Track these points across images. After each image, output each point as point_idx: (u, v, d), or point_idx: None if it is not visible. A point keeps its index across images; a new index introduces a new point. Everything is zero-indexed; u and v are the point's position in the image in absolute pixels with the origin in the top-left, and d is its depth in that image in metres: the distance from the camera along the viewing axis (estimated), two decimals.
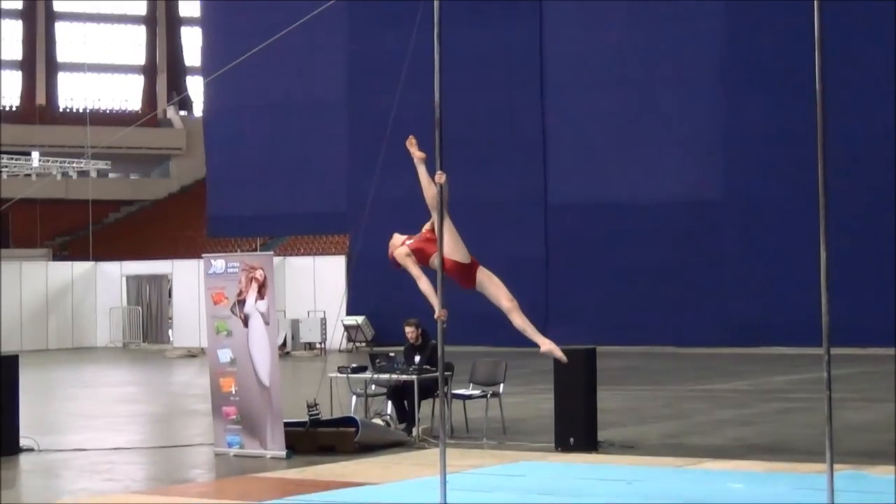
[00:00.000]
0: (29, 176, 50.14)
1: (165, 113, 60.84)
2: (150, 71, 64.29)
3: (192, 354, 35.72)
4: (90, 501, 11.93)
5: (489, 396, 16.25)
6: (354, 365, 16.78)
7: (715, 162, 33.45)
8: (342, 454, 14.16)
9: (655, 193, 33.90)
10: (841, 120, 27.27)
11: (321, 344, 35.93)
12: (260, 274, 14.33)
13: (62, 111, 61.26)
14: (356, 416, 15.30)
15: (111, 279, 41.88)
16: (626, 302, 33.78)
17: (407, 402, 15.80)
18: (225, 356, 14.63)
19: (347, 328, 36.40)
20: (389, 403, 16.12)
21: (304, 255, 43.26)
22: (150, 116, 56.62)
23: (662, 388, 23.01)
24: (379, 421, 15.48)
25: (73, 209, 53.59)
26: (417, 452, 14.41)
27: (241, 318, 14.44)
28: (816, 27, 9.38)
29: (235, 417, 14.51)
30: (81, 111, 57.94)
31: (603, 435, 14.70)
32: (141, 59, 64.40)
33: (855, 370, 24.22)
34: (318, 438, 14.54)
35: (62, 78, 62.54)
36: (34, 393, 21.51)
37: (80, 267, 42.33)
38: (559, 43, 35.45)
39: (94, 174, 52.50)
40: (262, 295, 14.30)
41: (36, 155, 50.64)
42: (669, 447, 14.64)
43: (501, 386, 16.41)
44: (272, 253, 30.92)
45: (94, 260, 43.69)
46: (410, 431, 15.39)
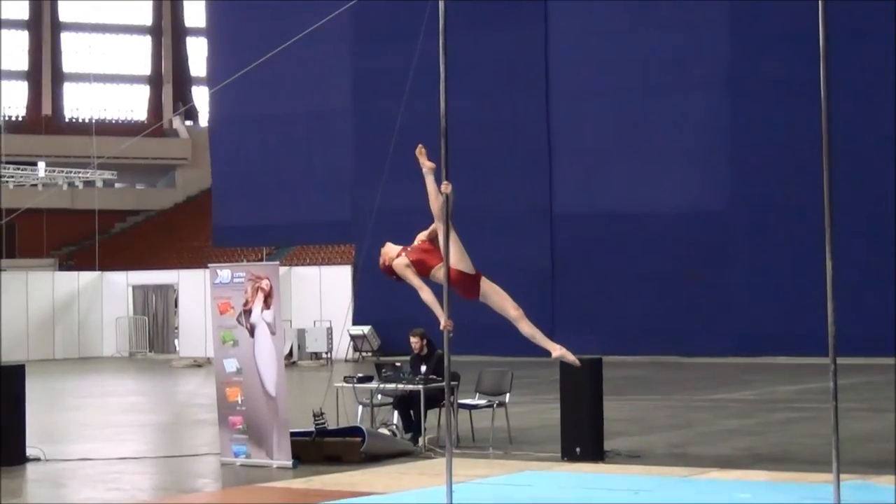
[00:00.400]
0: (35, 186, 50.14)
1: (171, 123, 60.85)
2: (155, 81, 64.30)
3: (198, 364, 35.73)
4: None
5: (495, 406, 16.24)
6: (360, 375, 16.78)
7: (720, 171, 33.39)
8: (348, 464, 14.15)
9: (661, 203, 33.84)
10: (846, 128, 27.28)
11: (327, 354, 35.90)
12: (266, 284, 14.34)
13: (68, 121, 61.25)
14: (362, 425, 15.29)
15: (117, 289, 41.89)
16: (631, 312, 33.73)
17: (413, 411, 15.79)
18: (231, 366, 14.63)
19: (353, 338, 36.39)
20: (395, 413, 16.10)
21: (309, 264, 43.26)
22: (155, 126, 56.65)
23: (668, 397, 22.99)
24: (385, 431, 15.47)
25: (79, 219, 53.67)
26: (423, 462, 14.39)
27: (247, 327, 14.44)
28: (821, 35, 9.39)
29: (241, 427, 14.51)
30: (87, 121, 57.96)
31: (609, 445, 14.69)
32: (147, 69, 64.41)
33: (861, 380, 24.18)
34: (324, 448, 14.54)
35: (68, 88, 62.54)
36: (40, 402, 21.51)
37: (86, 277, 42.36)
38: (564, 52, 35.45)
39: (99, 184, 52.52)
40: (268, 305, 14.31)
41: (42, 165, 50.66)
42: (675, 457, 14.62)
43: (507, 395, 16.40)
44: (278, 263, 31.04)
45: (100, 270, 43.74)
46: (416, 441, 15.38)
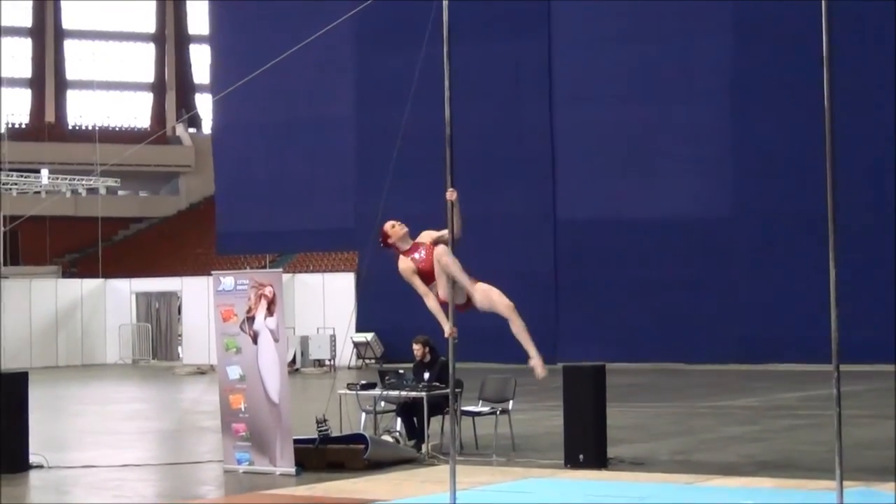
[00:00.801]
0: (38, 193, 50.23)
1: (174, 130, 60.95)
2: (159, 88, 64.41)
3: (201, 371, 35.72)
4: None
5: (498, 413, 16.22)
6: (364, 382, 16.75)
7: (724, 178, 33.39)
8: (351, 471, 14.14)
9: (664, 209, 33.83)
10: (850, 136, 27.24)
11: (330, 361, 35.92)
12: (269, 291, 14.34)
13: (71, 129, 61.34)
14: (365, 432, 15.28)
15: (121, 296, 41.91)
16: (634, 318, 33.72)
17: (416, 418, 15.77)
18: (234, 373, 14.64)
19: (357, 345, 36.39)
20: (399, 420, 16.09)
21: (313, 271, 43.29)
22: (159, 134, 56.76)
23: (671, 404, 22.98)
24: (388, 438, 15.46)
25: (82, 226, 53.73)
26: (427, 469, 14.39)
27: (250, 334, 14.45)
28: (825, 43, 9.40)
29: (245, 434, 14.51)
30: (91, 128, 58.06)
31: (612, 452, 14.67)
32: (150, 76, 64.53)
33: (864, 387, 24.14)
34: (327, 455, 14.53)
35: (71, 95, 62.66)
36: (43, 410, 21.51)
37: (89, 284, 42.38)
38: (568, 59, 35.47)
39: (103, 191, 52.57)
40: (271, 312, 14.31)
41: (45, 172, 50.72)
42: (679, 464, 14.61)
43: (511, 403, 16.39)
44: (281, 270, 31.01)
45: (103, 277, 43.78)
46: (420, 448, 15.36)
